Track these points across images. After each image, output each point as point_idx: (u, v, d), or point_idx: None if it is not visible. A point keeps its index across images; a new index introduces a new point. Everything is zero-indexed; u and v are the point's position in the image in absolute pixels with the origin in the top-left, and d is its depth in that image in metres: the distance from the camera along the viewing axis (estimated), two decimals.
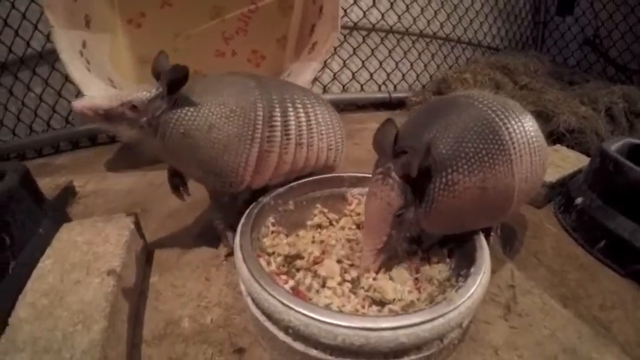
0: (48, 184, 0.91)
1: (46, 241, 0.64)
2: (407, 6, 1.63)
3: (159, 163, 1.13)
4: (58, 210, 0.83)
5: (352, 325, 0.39)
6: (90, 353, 0.45)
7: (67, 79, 1.24)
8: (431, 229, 0.55)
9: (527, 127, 0.56)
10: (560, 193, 0.92)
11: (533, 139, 0.56)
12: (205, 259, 0.72)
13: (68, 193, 0.94)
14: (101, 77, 1.05)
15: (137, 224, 0.70)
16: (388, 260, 0.55)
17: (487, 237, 0.67)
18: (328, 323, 0.39)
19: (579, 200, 0.83)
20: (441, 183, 0.49)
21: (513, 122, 0.54)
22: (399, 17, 1.63)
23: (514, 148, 0.52)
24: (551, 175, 0.92)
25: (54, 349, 0.45)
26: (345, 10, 1.51)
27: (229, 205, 0.69)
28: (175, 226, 0.83)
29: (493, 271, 0.69)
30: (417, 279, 0.55)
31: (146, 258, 0.72)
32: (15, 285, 0.55)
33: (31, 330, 0.47)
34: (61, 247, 0.62)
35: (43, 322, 0.48)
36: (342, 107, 1.61)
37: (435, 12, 1.71)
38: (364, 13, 1.56)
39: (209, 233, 0.79)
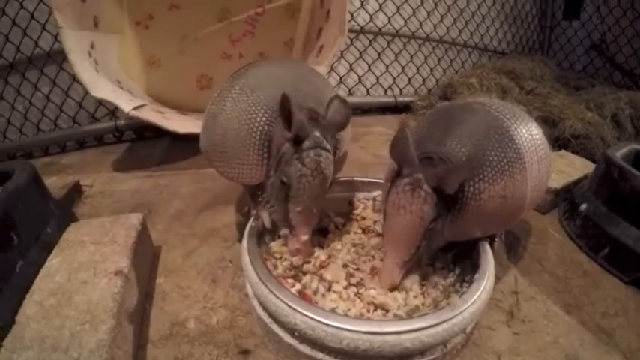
0: (55, 184, 0.92)
1: (53, 241, 0.64)
2: (413, 10, 1.63)
3: (165, 163, 1.16)
4: (65, 209, 0.84)
5: (357, 329, 0.39)
6: (97, 352, 0.45)
7: (74, 79, 1.25)
8: (452, 238, 0.55)
9: (534, 134, 0.56)
10: (565, 199, 0.92)
11: (540, 147, 0.56)
12: (211, 260, 0.73)
13: (75, 193, 0.95)
14: (109, 78, 1.06)
15: (144, 225, 0.71)
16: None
17: (491, 243, 0.67)
18: (334, 327, 0.39)
19: (584, 207, 0.83)
20: (468, 192, 0.49)
21: (524, 130, 0.54)
22: (406, 21, 1.63)
23: (527, 156, 0.52)
24: (557, 182, 0.91)
25: (61, 347, 0.46)
26: (352, 14, 1.51)
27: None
28: (182, 228, 0.83)
29: (497, 277, 0.69)
30: (422, 284, 0.56)
31: (152, 259, 0.73)
32: (22, 283, 0.55)
33: (39, 328, 0.48)
34: (68, 246, 0.63)
35: (51, 320, 0.49)
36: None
37: (442, 16, 1.71)
38: (371, 17, 1.56)
39: (215, 235, 0.80)
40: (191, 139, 0.69)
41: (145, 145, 1.31)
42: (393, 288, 0.52)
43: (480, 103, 0.59)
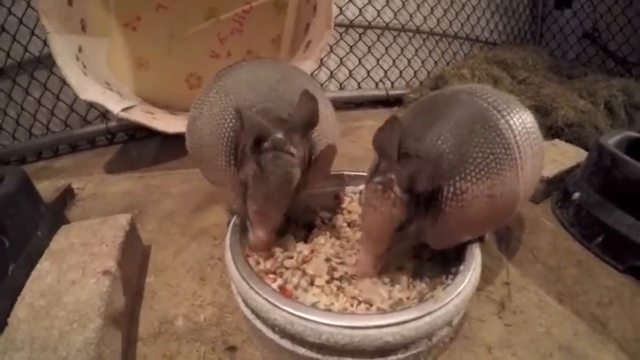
0: (47, 187, 0.92)
1: (44, 244, 0.65)
2: (403, 2, 1.62)
3: (157, 164, 1.16)
4: (57, 213, 0.84)
5: (336, 323, 0.39)
6: (85, 351, 0.46)
7: (64, 82, 1.25)
8: (435, 244, 0.52)
9: (529, 127, 0.52)
10: (558, 188, 0.92)
11: (535, 140, 0.53)
12: (200, 259, 0.73)
13: (67, 196, 0.95)
14: (98, 81, 1.06)
15: (133, 225, 0.71)
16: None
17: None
18: (312, 321, 0.39)
19: (577, 195, 0.83)
20: (449, 192, 0.46)
21: (518, 122, 0.51)
22: (395, 14, 1.62)
23: (519, 152, 0.49)
24: (549, 170, 0.91)
25: (51, 347, 0.46)
26: (341, 8, 1.50)
27: None
28: (172, 227, 0.83)
29: (488, 268, 0.69)
30: (409, 277, 0.55)
31: (142, 258, 0.73)
32: (14, 286, 0.56)
33: (29, 329, 0.49)
34: (58, 248, 0.63)
35: (41, 321, 0.50)
36: (340, 105, 1.61)
37: (432, 8, 1.70)
38: (360, 10, 1.55)
39: (205, 233, 0.80)
40: (182, 139, 0.70)
41: (136, 145, 1.32)
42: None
43: (468, 92, 0.55)
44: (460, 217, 0.47)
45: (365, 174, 0.71)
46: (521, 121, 0.52)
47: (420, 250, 0.59)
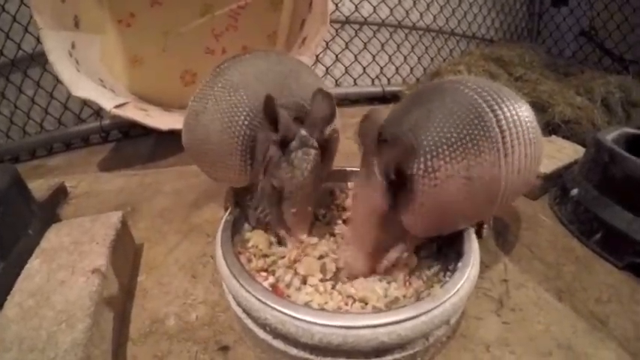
0: (41, 186, 0.90)
1: (34, 242, 0.63)
2: None
3: (151, 161, 1.15)
4: (48, 211, 0.83)
5: (329, 323, 0.38)
6: (73, 352, 0.45)
7: (58, 80, 1.23)
8: (415, 230, 0.51)
9: (522, 116, 0.52)
10: (556, 184, 0.91)
11: (529, 129, 0.52)
12: (192, 257, 0.72)
13: (59, 194, 0.94)
14: (91, 78, 1.05)
15: (124, 223, 0.70)
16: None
17: (480, 230, 0.66)
18: (304, 321, 0.38)
19: (575, 191, 0.82)
20: (419, 169, 0.45)
21: (505, 109, 0.50)
22: (392, 10, 1.61)
23: (503, 137, 0.48)
24: (547, 167, 0.90)
25: (38, 348, 0.45)
26: (337, 4, 1.49)
27: None
28: (164, 225, 0.82)
29: (486, 265, 0.69)
30: (405, 274, 0.54)
31: (134, 256, 0.72)
32: (3, 285, 0.55)
33: (18, 330, 0.48)
34: (48, 247, 0.62)
35: (29, 321, 0.49)
36: (336, 102, 1.60)
37: (428, 4, 1.69)
38: (356, 6, 1.54)
39: (198, 231, 0.79)
40: (176, 136, 0.69)
41: (130, 143, 1.30)
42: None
43: (454, 81, 0.55)
44: (436, 197, 0.46)
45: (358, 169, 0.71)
46: (512, 108, 0.51)
47: (418, 247, 0.58)
